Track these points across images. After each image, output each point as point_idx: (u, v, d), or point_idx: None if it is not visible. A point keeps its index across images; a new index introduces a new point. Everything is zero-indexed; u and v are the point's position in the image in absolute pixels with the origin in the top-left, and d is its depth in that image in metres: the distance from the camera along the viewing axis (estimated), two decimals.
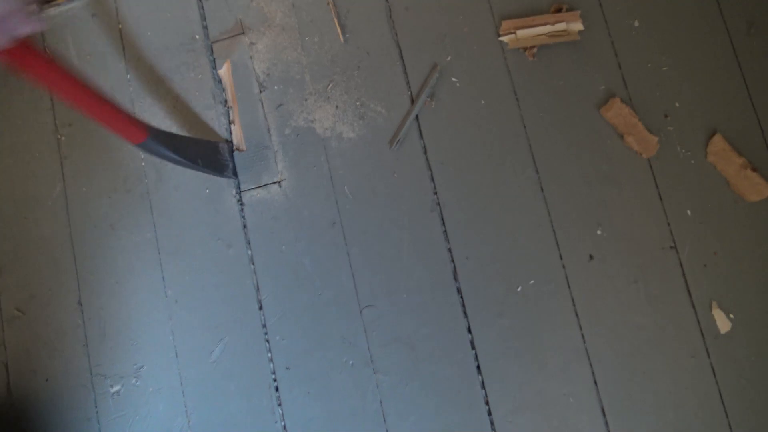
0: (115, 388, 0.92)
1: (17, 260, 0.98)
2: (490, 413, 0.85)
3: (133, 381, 0.92)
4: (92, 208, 0.98)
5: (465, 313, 0.87)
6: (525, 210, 0.88)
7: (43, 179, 1.01)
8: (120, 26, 1.03)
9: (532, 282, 0.86)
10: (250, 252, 0.93)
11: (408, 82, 0.94)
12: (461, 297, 0.88)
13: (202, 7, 1.01)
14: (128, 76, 1.02)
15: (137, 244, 0.96)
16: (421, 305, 0.88)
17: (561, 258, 0.86)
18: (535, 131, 0.90)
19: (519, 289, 0.87)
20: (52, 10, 1.05)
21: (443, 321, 0.87)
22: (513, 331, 0.86)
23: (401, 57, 0.94)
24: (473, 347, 0.86)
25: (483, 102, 0.92)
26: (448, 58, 0.93)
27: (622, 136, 0.88)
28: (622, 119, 0.88)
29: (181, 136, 0.87)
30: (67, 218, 0.99)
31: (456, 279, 0.88)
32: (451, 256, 0.89)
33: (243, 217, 0.94)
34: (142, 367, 0.92)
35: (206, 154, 0.90)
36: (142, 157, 0.99)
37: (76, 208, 0.99)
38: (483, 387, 0.85)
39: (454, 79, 0.93)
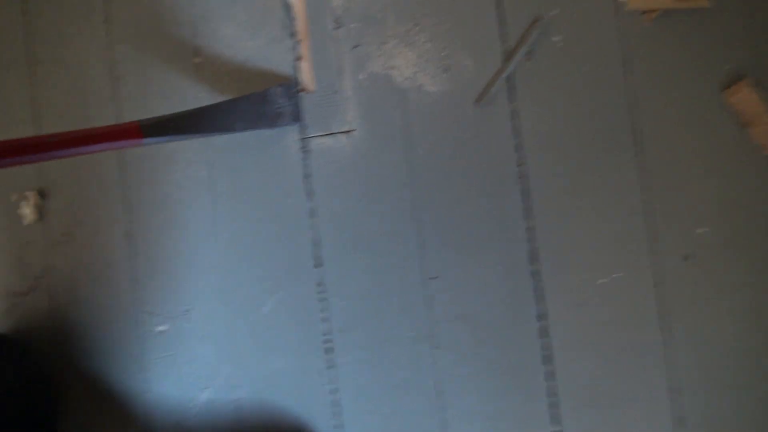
0: (161, 328, 0.89)
1: (66, 182, 0.93)
2: (552, 406, 0.80)
3: (180, 323, 0.89)
4: None
5: (538, 298, 0.81)
6: (619, 195, 0.79)
7: (95, 100, 0.94)
8: None
9: (616, 275, 0.79)
10: (310, 204, 0.86)
11: (503, 35, 0.83)
12: (536, 281, 0.81)
13: None
14: None
15: (190, 181, 0.90)
16: (491, 284, 0.82)
17: (653, 253, 0.79)
18: (643, 108, 0.80)
19: (600, 281, 0.80)
20: None
21: (514, 304, 0.81)
22: (588, 325, 0.80)
23: (499, 4, 0.83)
24: (543, 336, 0.81)
25: (587, 68, 0.81)
26: (554, 12, 0.82)
27: (745, 126, 0.77)
28: (749, 106, 0.77)
29: (205, 108, 0.77)
30: None
31: (533, 261, 0.81)
32: (531, 236, 0.81)
33: (306, 165, 0.87)
34: (189, 309, 0.88)
35: (246, 112, 0.80)
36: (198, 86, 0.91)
37: None
38: (548, 379, 0.80)
39: (555, 39, 0.82)
